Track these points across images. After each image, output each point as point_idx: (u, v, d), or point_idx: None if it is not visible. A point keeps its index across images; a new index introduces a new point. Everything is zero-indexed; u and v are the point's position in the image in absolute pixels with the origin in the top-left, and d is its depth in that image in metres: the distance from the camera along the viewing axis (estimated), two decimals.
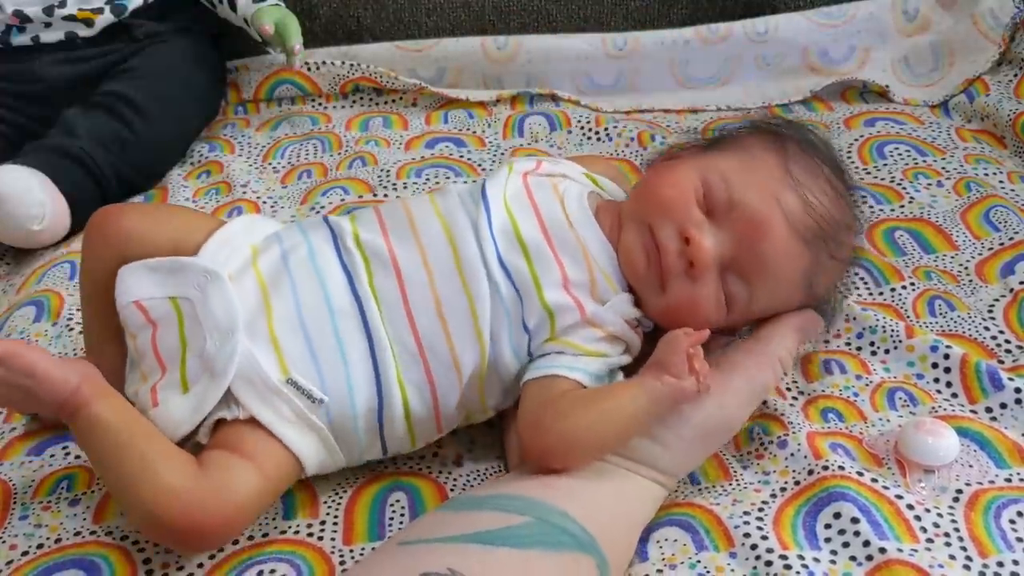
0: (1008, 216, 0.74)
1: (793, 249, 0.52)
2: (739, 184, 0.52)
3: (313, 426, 0.50)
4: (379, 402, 0.50)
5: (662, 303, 0.53)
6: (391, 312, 0.51)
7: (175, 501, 0.44)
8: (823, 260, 0.54)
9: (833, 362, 0.61)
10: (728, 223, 0.52)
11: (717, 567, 0.48)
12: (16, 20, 0.88)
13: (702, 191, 0.53)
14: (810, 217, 0.52)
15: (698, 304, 0.52)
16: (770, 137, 0.57)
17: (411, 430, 0.52)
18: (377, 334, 0.51)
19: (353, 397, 0.50)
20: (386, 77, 0.97)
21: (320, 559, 0.50)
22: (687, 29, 0.98)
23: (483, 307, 0.51)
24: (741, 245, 0.52)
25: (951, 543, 0.49)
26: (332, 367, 0.50)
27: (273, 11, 0.90)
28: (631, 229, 0.54)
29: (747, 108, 0.96)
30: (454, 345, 0.51)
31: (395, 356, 0.51)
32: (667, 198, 0.53)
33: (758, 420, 0.57)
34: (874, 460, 0.54)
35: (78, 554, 0.50)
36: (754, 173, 0.53)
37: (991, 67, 0.92)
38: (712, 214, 0.53)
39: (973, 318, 0.65)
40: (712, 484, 0.54)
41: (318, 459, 0.51)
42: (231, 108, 0.99)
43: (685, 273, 0.52)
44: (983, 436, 0.55)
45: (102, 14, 0.90)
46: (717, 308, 0.52)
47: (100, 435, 0.46)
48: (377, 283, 0.52)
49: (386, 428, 0.51)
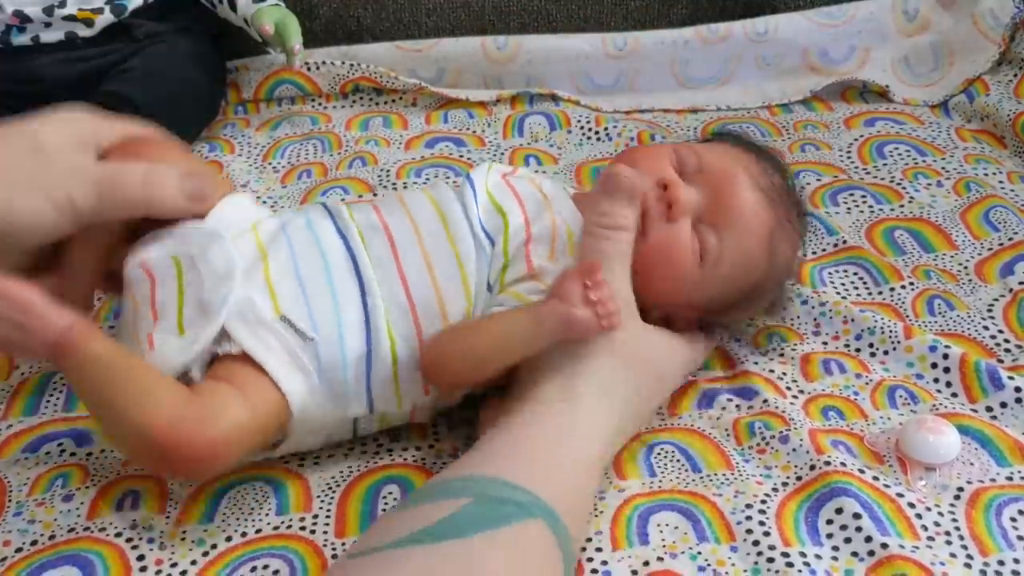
0: (1008, 216, 0.74)
1: (757, 202, 0.57)
2: (707, 154, 0.59)
3: (302, 366, 0.51)
4: (368, 349, 0.52)
5: (642, 249, 0.55)
6: (383, 271, 0.54)
7: (164, 417, 0.45)
8: (783, 224, 0.58)
9: (832, 362, 0.61)
10: (699, 180, 0.57)
11: (718, 560, 0.48)
12: (16, 20, 0.88)
13: (675, 158, 0.58)
14: (771, 180, 0.58)
15: (675, 246, 0.55)
16: (727, 139, 0.65)
17: (397, 383, 0.53)
18: (369, 285, 0.53)
19: (343, 341, 0.51)
20: (386, 77, 0.97)
21: (313, 553, 0.50)
22: (687, 29, 0.98)
23: (469, 260, 0.54)
24: (712, 197, 0.56)
25: (952, 541, 0.49)
26: (324, 310, 0.52)
27: (273, 11, 0.90)
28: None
29: (747, 108, 0.96)
30: (442, 296, 0.53)
31: (386, 310, 0.52)
32: (644, 160, 0.58)
33: (759, 416, 0.57)
34: (875, 458, 0.54)
35: (72, 550, 0.49)
36: (720, 150, 0.60)
37: (991, 67, 0.92)
38: (684, 175, 0.58)
39: (972, 317, 0.65)
40: (714, 472, 0.53)
41: (304, 400, 0.51)
42: (231, 108, 0.99)
43: (664, 216, 0.56)
44: (984, 434, 0.54)
45: (102, 14, 0.90)
46: (692, 254, 0.56)
47: (94, 370, 0.47)
48: (370, 246, 0.55)
49: (374, 378, 0.52)
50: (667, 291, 0.56)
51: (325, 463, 0.56)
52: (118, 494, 0.53)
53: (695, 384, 0.61)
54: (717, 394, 0.60)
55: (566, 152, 0.89)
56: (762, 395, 0.58)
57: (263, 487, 0.53)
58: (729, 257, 0.56)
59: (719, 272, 0.56)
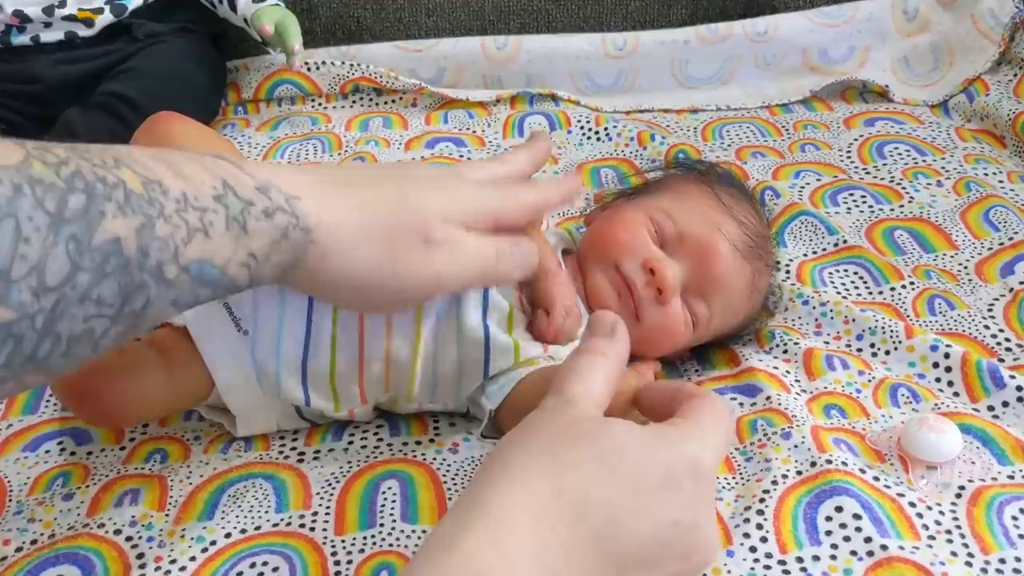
0: (1008, 216, 0.74)
1: (738, 265, 0.59)
2: (682, 217, 0.60)
3: (236, 353, 0.53)
4: (304, 358, 0.54)
5: (638, 331, 0.56)
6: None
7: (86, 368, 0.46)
8: (760, 268, 0.61)
9: (835, 358, 0.61)
10: (681, 252, 0.59)
11: (713, 569, 0.47)
12: (16, 20, 0.88)
13: (652, 228, 0.60)
14: (746, 235, 0.60)
15: (670, 326, 0.58)
16: (693, 175, 0.66)
17: (334, 390, 0.55)
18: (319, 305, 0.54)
19: (279, 345, 0.53)
20: (386, 77, 0.97)
21: (312, 549, 0.49)
22: (687, 29, 0.98)
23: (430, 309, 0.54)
24: (695, 269, 0.59)
25: (953, 540, 0.48)
26: (267, 313, 0.53)
27: (273, 11, 0.90)
28: (596, 272, 0.59)
29: (747, 108, 0.96)
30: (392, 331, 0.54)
31: (335, 317, 0.54)
32: (625, 239, 0.59)
33: (762, 414, 0.57)
34: (877, 456, 0.54)
35: (71, 548, 0.49)
36: (691, 205, 0.61)
37: (991, 67, 0.92)
38: (664, 247, 0.60)
39: (973, 317, 0.64)
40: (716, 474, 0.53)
41: (231, 382, 0.54)
42: (231, 108, 0.99)
43: (655, 300, 0.58)
44: (986, 433, 0.54)
45: (102, 14, 0.90)
46: (686, 327, 0.59)
47: None
48: None
49: (310, 382, 0.54)
50: (662, 352, 0.61)
51: (325, 459, 0.55)
52: (118, 492, 0.53)
53: (700, 384, 0.61)
54: (721, 393, 0.59)
55: (566, 152, 0.89)
56: (765, 391, 0.58)
57: (263, 484, 0.53)
58: (718, 316, 0.60)
59: (710, 329, 0.61)
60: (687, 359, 0.64)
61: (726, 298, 0.59)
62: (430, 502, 0.52)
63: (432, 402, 0.57)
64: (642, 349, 0.59)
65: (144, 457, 0.56)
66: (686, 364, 0.64)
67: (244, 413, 0.56)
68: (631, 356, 0.59)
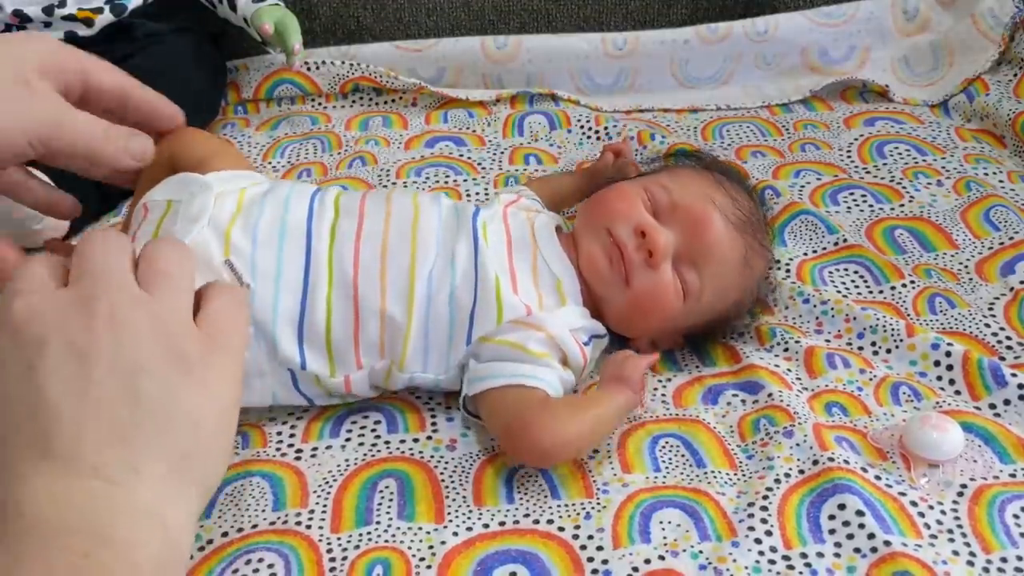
0: (1008, 215, 0.74)
1: (730, 236, 0.60)
2: (677, 189, 0.61)
3: None
4: (301, 311, 0.54)
5: (628, 296, 0.59)
6: (342, 245, 0.56)
7: None
8: (754, 245, 0.62)
9: (837, 356, 0.61)
10: (673, 221, 0.60)
11: (719, 558, 0.47)
12: (16, 20, 0.88)
13: (647, 198, 0.61)
14: (739, 209, 0.61)
15: (660, 291, 0.58)
16: (692, 161, 0.68)
17: (330, 351, 0.55)
18: (317, 259, 0.55)
19: (277, 297, 0.54)
20: (386, 77, 0.97)
21: (308, 547, 0.49)
22: (687, 29, 0.98)
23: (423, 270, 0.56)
24: (688, 237, 0.59)
25: (954, 539, 0.48)
26: (265, 266, 0.54)
27: (273, 11, 0.90)
28: (588, 236, 0.61)
29: (747, 108, 0.96)
30: (386, 290, 0.55)
31: (331, 278, 0.54)
32: (619, 206, 0.60)
33: (764, 412, 0.57)
34: (878, 454, 0.54)
35: None
36: (686, 181, 0.63)
37: (991, 67, 0.92)
38: (658, 216, 0.60)
39: (974, 315, 0.64)
40: (718, 468, 0.53)
41: None
42: (231, 108, 0.99)
43: (645, 263, 0.58)
44: (987, 431, 0.54)
45: (102, 14, 0.90)
46: (676, 295, 0.59)
47: None
48: (339, 224, 0.57)
49: (306, 339, 0.54)
50: (653, 327, 0.61)
51: (322, 456, 0.55)
52: None
53: (701, 380, 0.61)
54: (723, 390, 0.59)
55: (566, 151, 0.89)
56: (767, 389, 0.58)
57: (260, 482, 0.53)
58: (709, 289, 0.60)
59: (701, 302, 0.60)
60: (687, 354, 0.64)
61: (718, 270, 0.59)
62: (427, 500, 0.52)
63: (424, 370, 0.57)
64: (632, 320, 0.59)
65: None
66: (687, 360, 0.64)
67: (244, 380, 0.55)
68: (625, 337, 0.60)
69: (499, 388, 0.53)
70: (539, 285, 0.58)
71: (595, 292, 0.60)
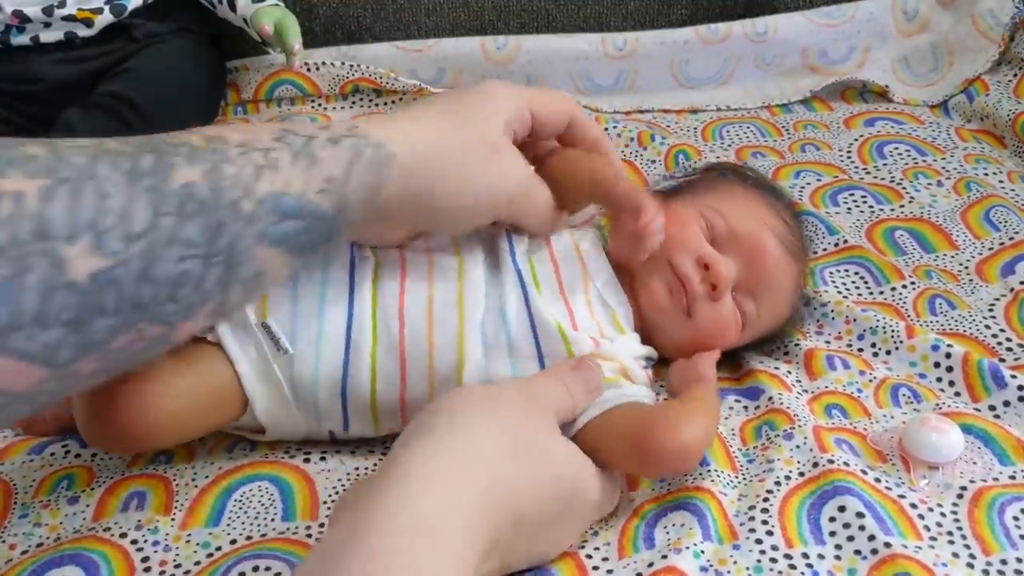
0: (1008, 216, 0.74)
1: (786, 263, 0.60)
2: (732, 216, 0.60)
3: (271, 376, 0.52)
4: (344, 374, 0.52)
5: (688, 328, 0.58)
6: (386, 299, 0.53)
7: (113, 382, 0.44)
8: (804, 269, 0.63)
9: (836, 358, 0.61)
10: (732, 250, 0.59)
11: (720, 560, 0.48)
12: (16, 20, 0.88)
13: (704, 224, 0.60)
14: (792, 235, 0.61)
15: (723, 323, 0.58)
16: (731, 177, 0.67)
17: (375, 412, 0.53)
18: (361, 311, 0.53)
19: (319, 360, 0.52)
20: (386, 78, 0.97)
21: None
22: (687, 29, 0.98)
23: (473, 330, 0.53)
24: (747, 267, 0.59)
25: (954, 541, 0.49)
26: (307, 327, 0.52)
27: (273, 11, 0.90)
28: (647, 268, 0.58)
29: (747, 108, 0.96)
30: (434, 346, 0.52)
31: (375, 336, 0.52)
32: (678, 235, 0.58)
33: (765, 416, 0.57)
34: (878, 456, 0.54)
35: (76, 550, 0.49)
36: (739, 205, 0.61)
37: (991, 67, 0.92)
38: (716, 244, 0.59)
39: (974, 316, 0.65)
40: (720, 469, 0.53)
41: (268, 407, 0.53)
42: (231, 108, 0.99)
43: (708, 296, 0.58)
44: (987, 433, 0.55)
45: (101, 14, 0.90)
46: (736, 325, 0.59)
47: None
48: (381, 274, 0.54)
49: (350, 402, 0.53)
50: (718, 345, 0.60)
51: (332, 461, 0.55)
52: (124, 496, 0.53)
53: None
54: (724, 395, 0.60)
55: None
56: (768, 392, 0.58)
57: (269, 488, 0.53)
58: (766, 316, 0.60)
59: (757, 328, 0.61)
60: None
61: (774, 297, 0.60)
62: None
63: None
64: (693, 350, 0.58)
65: (149, 458, 0.56)
66: None
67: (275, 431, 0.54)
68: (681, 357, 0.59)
69: (604, 414, 0.50)
70: (595, 315, 0.56)
71: (651, 322, 0.59)
